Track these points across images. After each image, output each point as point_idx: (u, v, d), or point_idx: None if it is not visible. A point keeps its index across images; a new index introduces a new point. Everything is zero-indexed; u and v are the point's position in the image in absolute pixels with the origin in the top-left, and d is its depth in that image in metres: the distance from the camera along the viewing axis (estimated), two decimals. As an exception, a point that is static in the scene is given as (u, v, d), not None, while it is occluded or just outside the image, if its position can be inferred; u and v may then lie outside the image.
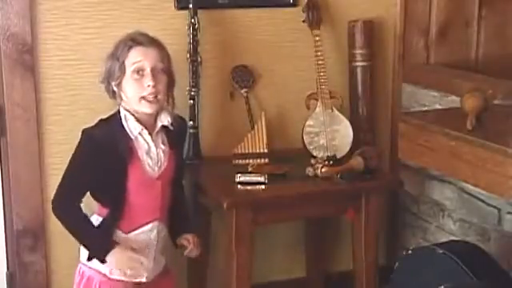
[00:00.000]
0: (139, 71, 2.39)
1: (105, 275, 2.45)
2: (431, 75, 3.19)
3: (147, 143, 2.44)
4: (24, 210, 2.90)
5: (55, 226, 2.90)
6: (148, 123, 2.44)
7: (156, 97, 2.39)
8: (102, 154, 2.38)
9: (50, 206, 2.87)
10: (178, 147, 2.56)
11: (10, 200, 2.90)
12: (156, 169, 2.46)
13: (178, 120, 2.56)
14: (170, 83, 2.48)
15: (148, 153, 2.44)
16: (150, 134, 2.44)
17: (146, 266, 2.48)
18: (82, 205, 2.46)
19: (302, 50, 3.13)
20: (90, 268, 2.46)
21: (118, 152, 2.38)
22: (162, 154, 2.47)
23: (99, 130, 2.42)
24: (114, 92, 2.44)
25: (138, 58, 2.39)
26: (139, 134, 2.42)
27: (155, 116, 2.46)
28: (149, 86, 2.38)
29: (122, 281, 2.46)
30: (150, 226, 2.47)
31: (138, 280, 2.48)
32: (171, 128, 2.49)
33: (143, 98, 2.39)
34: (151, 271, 2.51)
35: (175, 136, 2.53)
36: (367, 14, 3.23)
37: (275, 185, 2.75)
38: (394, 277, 2.61)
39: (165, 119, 2.46)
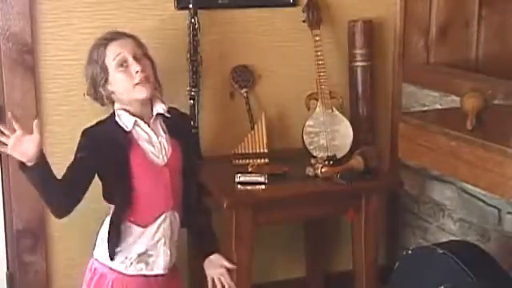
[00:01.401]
0: (123, 63, 2.41)
1: (120, 272, 2.46)
2: (431, 75, 3.19)
3: (146, 133, 2.46)
4: (24, 210, 2.90)
5: (55, 226, 2.91)
6: (143, 114, 2.47)
7: (147, 80, 2.42)
8: (102, 147, 2.40)
9: (50, 206, 2.90)
10: (181, 138, 2.56)
11: (10, 200, 2.90)
12: (161, 156, 2.47)
13: (175, 112, 2.58)
14: (154, 67, 2.51)
15: (149, 141, 2.46)
16: (146, 123, 2.46)
17: (162, 255, 2.49)
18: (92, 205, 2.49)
19: (302, 50, 3.14)
20: (103, 265, 2.47)
21: (117, 143, 2.41)
22: (164, 142, 2.49)
23: (96, 127, 2.46)
24: (103, 97, 2.46)
25: (116, 51, 2.41)
26: (135, 125, 2.43)
27: (151, 107, 2.48)
28: (137, 71, 2.40)
29: (137, 276, 2.47)
30: (163, 216, 2.47)
31: (154, 272, 2.48)
32: (167, 116, 2.50)
33: (136, 84, 2.41)
34: (167, 263, 2.51)
35: (175, 126, 2.54)
36: (367, 14, 3.23)
37: (275, 185, 2.75)
38: (394, 277, 2.61)
39: (160, 108, 2.48)
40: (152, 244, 2.47)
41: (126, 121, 2.43)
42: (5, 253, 2.98)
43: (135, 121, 2.43)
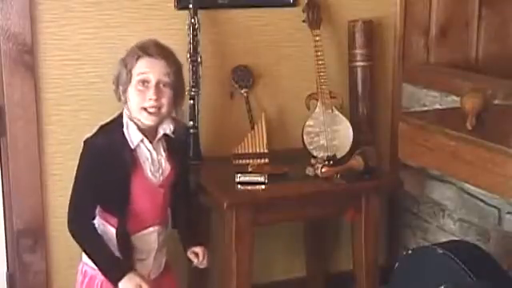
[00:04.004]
0: (144, 82, 2.38)
1: None
2: (431, 75, 3.19)
3: (149, 151, 2.44)
4: (24, 210, 2.90)
5: (55, 226, 2.91)
6: (150, 131, 2.44)
7: (159, 109, 2.39)
8: (105, 165, 2.38)
9: (50, 206, 2.91)
10: (179, 154, 2.56)
11: (9, 200, 2.90)
12: (158, 176, 2.46)
13: (181, 126, 2.56)
14: (178, 97, 2.46)
15: (149, 160, 2.44)
16: (150, 142, 2.44)
17: (146, 266, 2.49)
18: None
19: (302, 50, 3.14)
20: (91, 268, 2.46)
21: (120, 161, 2.38)
22: (163, 161, 2.48)
23: (100, 139, 2.42)
24: (120, 96, 2.44)
25: (144, 69, 2.37)
26: (140, 141, 2.42)
27: (157, 124, 2.46)
28: (151, 99, 2.37)
29: None
30: (150, 229, 2.48)
31: None
32: (172, 136, 2.49)
33: (144, 109, 2.38)
34: (151, 271, 2.52)
35: (176, 142, 2.53)
36: (367, 14, 3.23)
37: (275, 185, 2.75)
38: (394, 277, 2.61)
39: (167, 127, 2.46)
40: (136, 253, 2.46)
41: (133, 136, 2.41)
42: (5, 253, 2.98)
43: (141, 139, 2.41)
